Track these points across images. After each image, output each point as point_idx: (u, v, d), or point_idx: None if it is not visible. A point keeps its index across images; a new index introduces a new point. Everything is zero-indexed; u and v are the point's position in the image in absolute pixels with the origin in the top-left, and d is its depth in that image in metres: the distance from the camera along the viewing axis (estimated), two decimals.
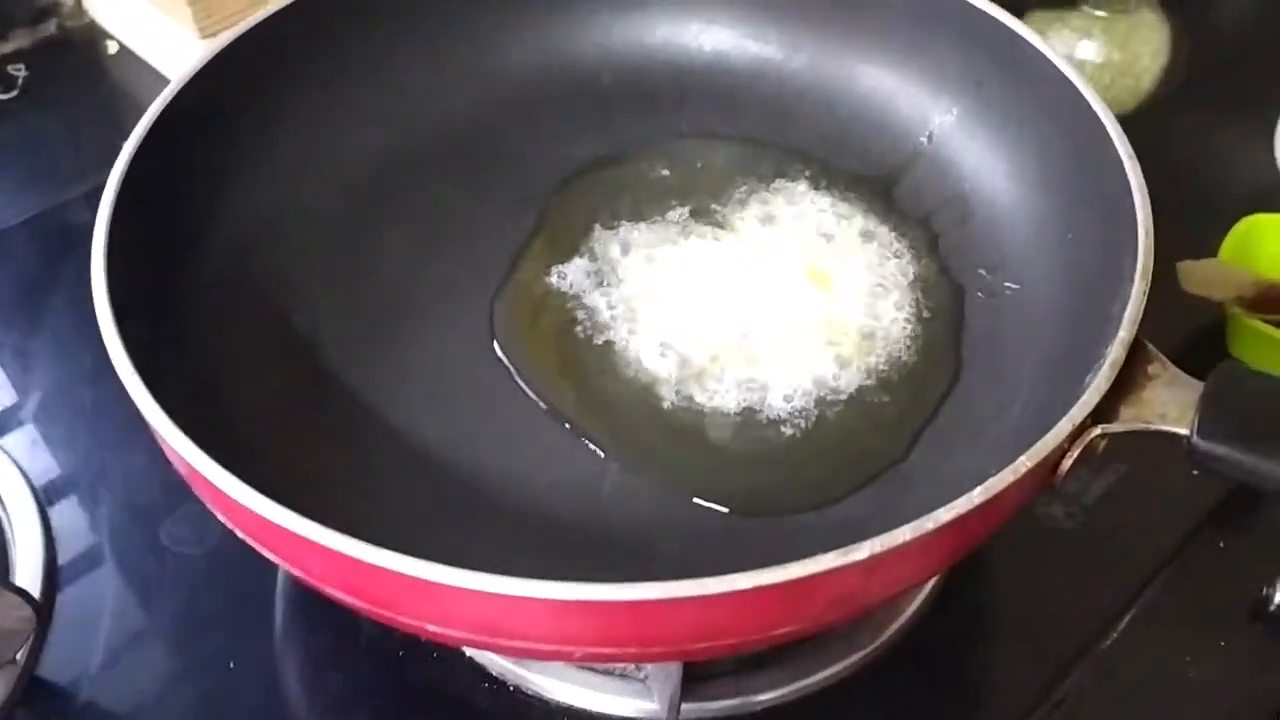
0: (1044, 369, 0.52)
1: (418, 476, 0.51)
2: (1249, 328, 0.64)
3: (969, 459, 0.51)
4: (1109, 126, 0.52)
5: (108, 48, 0.92)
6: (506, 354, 0.55)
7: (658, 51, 0.67)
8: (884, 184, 0.63)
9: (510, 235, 0.60)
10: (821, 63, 0.66)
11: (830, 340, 0.56)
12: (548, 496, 0.51)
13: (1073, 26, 0.84)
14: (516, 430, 0.53)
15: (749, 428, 0.53)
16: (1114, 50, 0.82)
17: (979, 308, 0.57)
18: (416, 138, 0.64)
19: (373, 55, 0.63)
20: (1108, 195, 0.51)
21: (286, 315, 0.56)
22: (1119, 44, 0.84)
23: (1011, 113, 0.60)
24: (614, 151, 0.65)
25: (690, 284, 0.58)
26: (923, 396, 0.54)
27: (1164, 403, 0.43)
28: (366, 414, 0.53)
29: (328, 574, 0.41)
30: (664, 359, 0.55)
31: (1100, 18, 0.83)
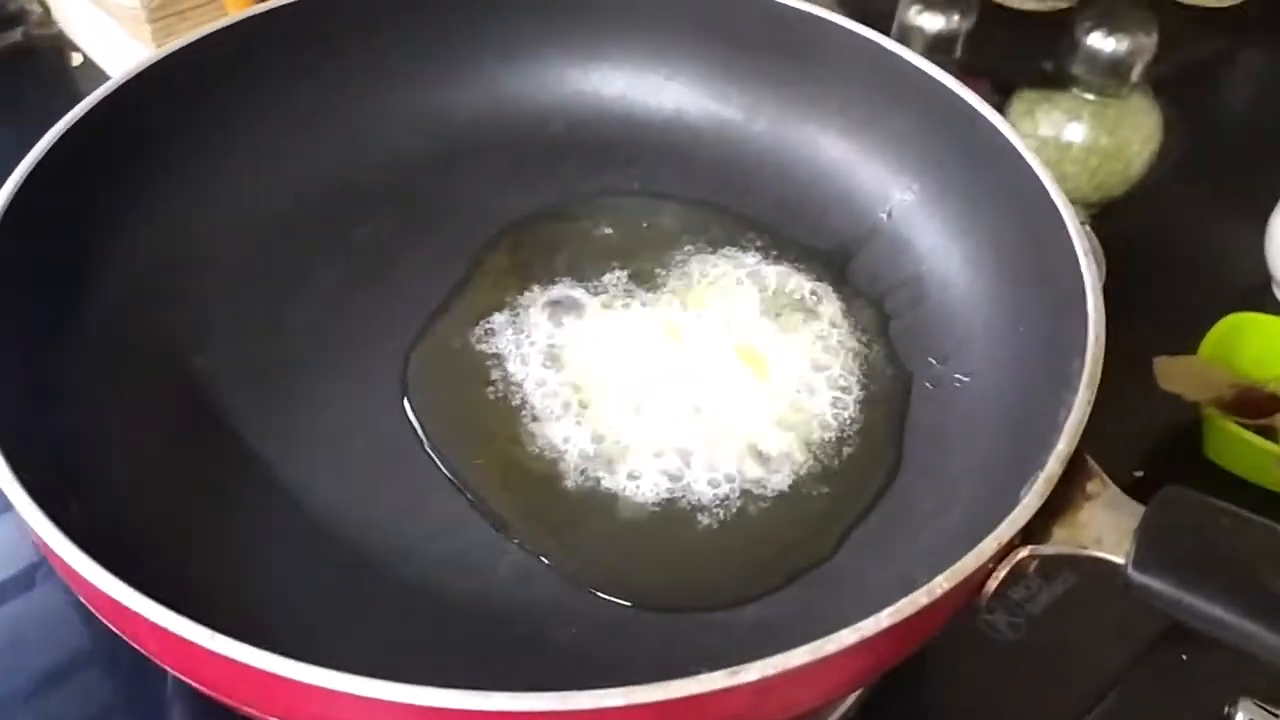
0: (986, 472, 0.49)
1: (303, 541, 0.48)
2: (1225, 430, 0.61)
3: (901, 564, 0.47)
4: (1066, 218, 0.49)
5: (73, 59, 0.90)
6: (415, 413, 0.52)
7: (614, 103, 0.65)
8: (839, 258, 0.60)
9: (436, 286, 0.57)
10: (782, 128, 0.63)
11: (762, 424, 0.52)
12: (439, 571, 0.47)
13: (1062, 108, 0.81)
14: (415, 497, 0.49)
15: (663, 515, 0.49)
16: (1103, 134, 0.80)
17: (925, 399, 0.54)
18: (348, 177, 0.61)
19: (310, 88, 0.60)
20: (1061, 292, 0.49)
21: (184, 359, 0.53)
22: (1109, 128, 0.81)
23: (971, 194, 0.57)
24: (557, 204, 0.62)
25: (619, 355, 0.55)
26: (856, 491, 0.51)
27: (1100, 525, 0.40)
28: (257, 470, 0.50)
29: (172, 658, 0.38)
30: (579, 433, 0.51)
31: (1090, 101, 0.80)
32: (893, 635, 0.37)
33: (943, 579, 0.37)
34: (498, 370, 0.54)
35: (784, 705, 0.38)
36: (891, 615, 0.36)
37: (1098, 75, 0.80)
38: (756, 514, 0.50)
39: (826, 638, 0.35)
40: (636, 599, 0.46)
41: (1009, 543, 0.39)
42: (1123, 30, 0.78)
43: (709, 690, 0.34)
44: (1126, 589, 0.39)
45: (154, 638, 0.36)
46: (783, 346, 0.56)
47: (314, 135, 0.60)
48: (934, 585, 0.37)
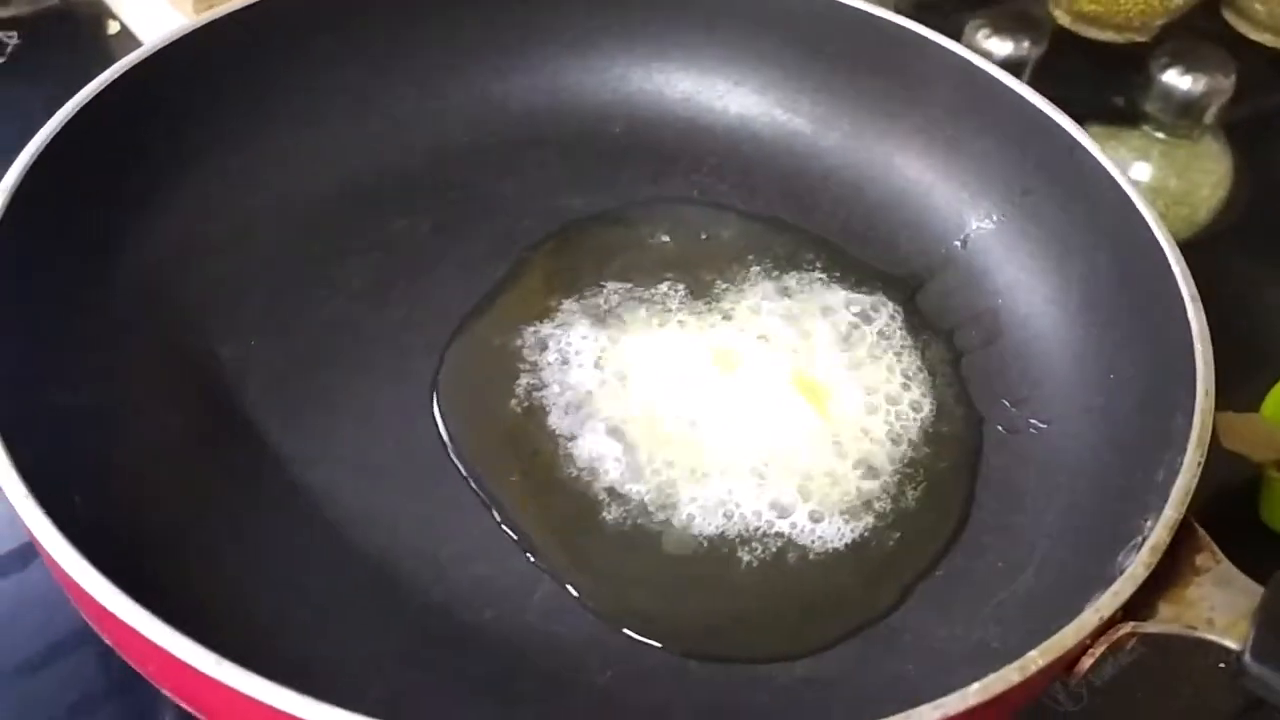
0: (1067, 530, 0.45)
1: (323, 552, 0.44)
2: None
3: (968, 624, 0.44)
4: (1173, 262, 0.46)
5: (109, 26, 0.86)
6: (445, 421, 0.48)
7: (677, 106, 0.61)
8: (907, 287, 0.56)
9: (477, 286, 0.53)
10: (854, 144, 0.59)
11: (820, 461, 0.48)
12: (467, 596, 0.43)
13: (1130, 146, 0.78)
14: (446, 512, 0.45)
15: (709, 555, 0.45)
16: (1171, 176, 0.77)
17: (998, 445, 0.50)
18: (397, 168, 0.57)
19: (357, 69, 0.57)
20: (1162, 340, 0.45)
21: (209, 347, 0.49)
22: (1178, 171, 0.78)
23: (1059, 229, 0.53)
24: (611, 208, 0.58)
25: (667, 375, 0.51)
26: (922, 540, 0.47)
27: (1212, 605, 0.36)
28: (278, 471, 0.46)
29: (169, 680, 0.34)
30: (621, 457, 0.47)
31: (1160, 140, 0.78)
32: (975, 714, 0.33)
33: (1037, 654, 0.33)
34: (537, 381, 0.50)
35: None
36: (979, 693, 0.32)
37: (1170, 114, 0.78)
38: (811, 559, 0.45)
39: (905, 715, 0.31)
40: (677, 644, 0.42)
41: (1111, 617, 0.35)
42: (1200, 69, 0.76)
43: None
44: (1238, 678, 0.35)
45: (149, 655, 0.33)
46: (843, 379, 0.51)
47: (358, 119, 0.57)
48: (1027, 661, 0.33)
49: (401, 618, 0.42)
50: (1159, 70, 0.75)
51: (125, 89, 0.48)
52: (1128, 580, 0.35)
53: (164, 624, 0.32)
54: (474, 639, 0.42)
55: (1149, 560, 0.35)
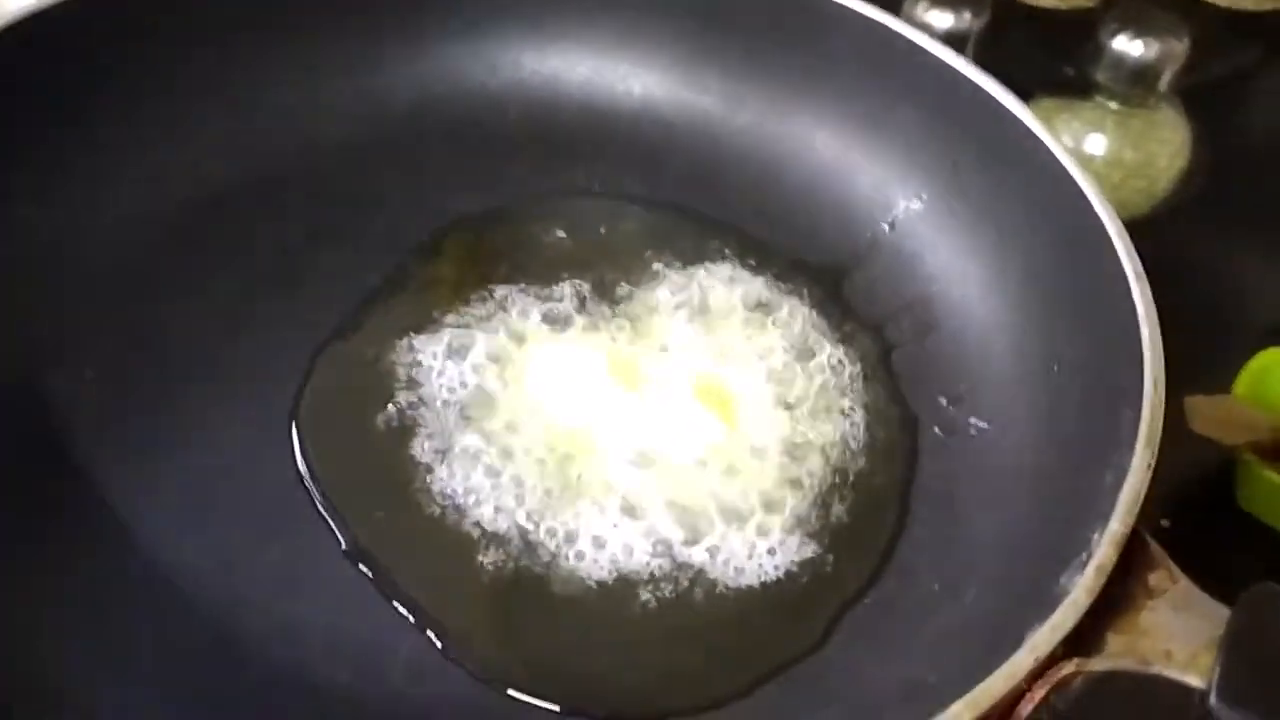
0: (1010, 545, 0.40)
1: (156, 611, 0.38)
2: (1262, 478, 0.53)
3: (904, 658, 0.38)
4: (1115, 236, 0.41)
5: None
6: (304, 455, 0.42)
7: (575, 90, 0.56)
8: (831, 276, 0.51)
9: (350, 299, 0.48)
10: (769, 123, 0.54)
11: (730, 482, 0.43)
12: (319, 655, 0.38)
13: (1083, 118, 0.75)
14: (300, 560, 0.40)
15: (604, 595, 0.40)
16: (1127, 148, 0.73)
17: (934, 449, 0.45)
18: (262, 171, 0.51)
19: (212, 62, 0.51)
20: (1106, 325, 0.40)
21: (36, 380, 0.43)
22: (1134, 141, 0.75)
23: (993, 206, 0.48)
24: (503, 205, 0.52)
25: (558, 392, 0.45)
26: (849, 564, 0.41)
27: (1170, 634, 0.30)
28: (105, 517, 0.40)
29: None
30: (502, 489, 0.42)
31: (1114, 110, 0.75)
32: None
33: (962, 707, 0.28)
34: (412, 405, 0.44)
35: None
36: None
37: (1123, 83, 0.74)
38: (722, 595, 0.40)
39: None
40: (568, 701, 0.37)
41: (1050, 655, 0.29)
42: (1151, 34, 0.73)
43: None
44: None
45: None
46: (758, 384, 0.46)
47: (213, 118, 0.51)
48: (951, 715, 0.28)
49: (241, 687, 0.37)
50: (1109, 37, 0.71)
51: None
52: (1069, 608, 0.30)
53: None
54: (330, 707, 0.36)
55: (1093, 584, 0.30)
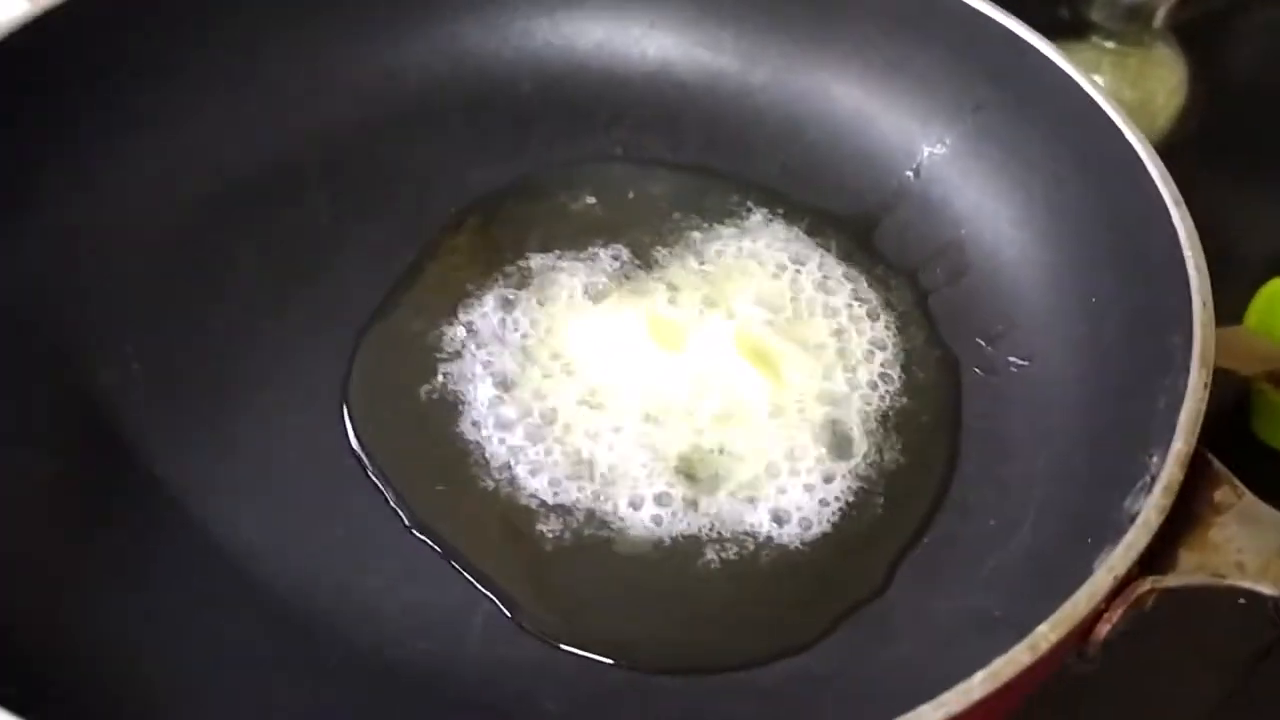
0: (1063, 477, 0.40)
1: (224, 594, 0.39)
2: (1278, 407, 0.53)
3: (965, 594, 0.39)
4: (1149, 163, 0.41)
5: None
6: (358, 432, 0.43)
7: (590, 58, 0.55)
8: (860, 227, 0.51)
9: (386, 278, 0.48)
10: (786, 78, 0.54)
11: (782, 436, 0.43)
12: (395, 629, 0.38)
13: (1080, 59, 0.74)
14: (363, 537, 0.40)
15: (666, 559, 0.40)
16: (1125, 87, 0.73)
17: (976, 389, 0.45)
18: (284, 156, 0.51)
19: (241, 47, 0.51)
20: (1146, 252, 0.40)
21: (83, 372, 0.43)
22: (1131, 80, 0.75)
23: (1018, 143, 0.48)
24: (527, 177, 0.52)
25: (603, 356, 0.45)
26: (904, 508, 0.42)
27: (1240, 548, 0.31)
28: (167, 504, 0.41)
29: None
30: (556, 455, 0.42)
31: (1110, 50, 0.75)
32: (985, 703, 0.28)
33: (1047, 628, 0.28)
34: (459, 376, 0.44)
35: None
36: (987, 681, 0.27)
37: (1118, 21, 0.75)
38: (784, 548, 0.41)
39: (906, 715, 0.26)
40: (637, 659, 0.37)
41: (1127, 574, 0.30)
42: None
43: None
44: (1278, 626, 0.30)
45: None
46: (800, 337, 0.46)
47: (233, 106, 0.51)
48: (1037, 638, 0.28)
49: (320, 664, 0.37)
50: None
51: None
52: (1141, 529, 0.30)
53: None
54: (409, 678, 0.37)
55: (1162, 503, 0.31)
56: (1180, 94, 0.73)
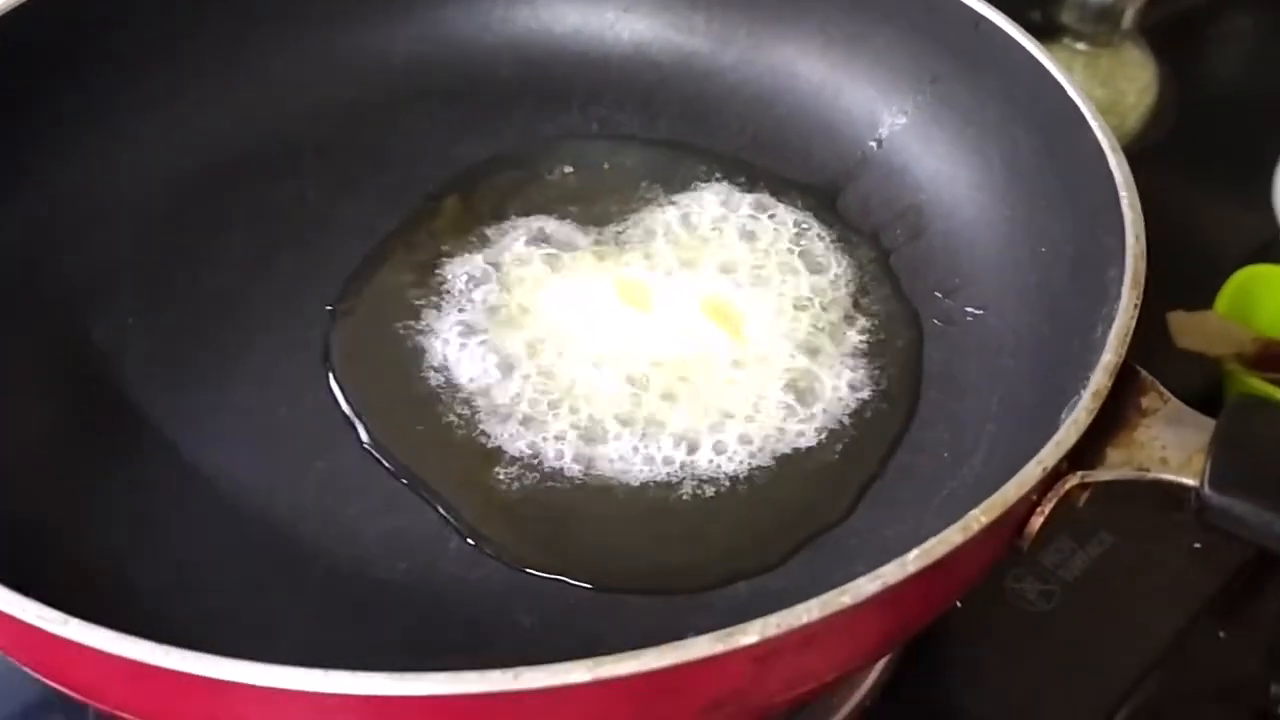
0: (1012, 410, 0.42)
1: (222, 527, 0.41)
2: (1249, 387, 0.55)
3: (918, 519, 0.41)
4: (1088, 115, 0.43)
5: None
6: (340, 381, 0.45)
7: (567, 41, 0.58)
8: (826, 194, 0.53)
9: (367, 244, 0.50)
10: (755, 56, 0.56)
11: (750, 385, 0.45)
12: (377, 554, 0.40)
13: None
14: (347, 474, 0.42)
15: (642, 495, 0.42)
16: (1096, 86, 0.76)
17: (934, 338, 0.47)
18: (275, 132, 0.54)
19: (228, 29, 0.53)
20: (1087, 197, 0.42)
21: (82, 328, 0.46)
22: (1102, 80, 0.78)
23: (973, 110, 0.50)
24: (507, 152, 0.54)
25: (576, 314, 0.47)
26: (868, 447, 0.44)
27: (1163, 444, 0.33)
28: (166, 451, 0.43)
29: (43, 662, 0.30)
30: (531, 401, 0.44)
31: (1082, 51, 0.77)
32: (921, 584, 0.30)
33: (979, 512, 0.30)
34: (433, 330, 0.47)
35: (789, 679, 0.31)
36: (920, 558, 0.29)
37: (1088, 23, 0.77)
38: (750, 480, 0.43)
39: (840, 588, 0.28)
40: (607, 583, 0.39)
41: (1055, 468, 0.32)
42: None
43: (696, 658, 0.27)
44: (1199, 515, 0.32)
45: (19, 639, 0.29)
46: (761, 294, 0.48)
47: (226, 85, 0.53)
48: (969, 520, 0.30)
49: (310, 580, 0.39)
50: None
51: None
52: (1070, 428, 0.32)
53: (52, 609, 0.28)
54: (390, 594, 0.39)
55: (1090, 406, 0.33)
56: (1150, 93, 0.76)
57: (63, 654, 0.28)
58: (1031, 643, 0.47)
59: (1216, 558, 0.50)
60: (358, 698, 0.26)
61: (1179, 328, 0.56)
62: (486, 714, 0.27)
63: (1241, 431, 0.32)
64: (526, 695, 0.26)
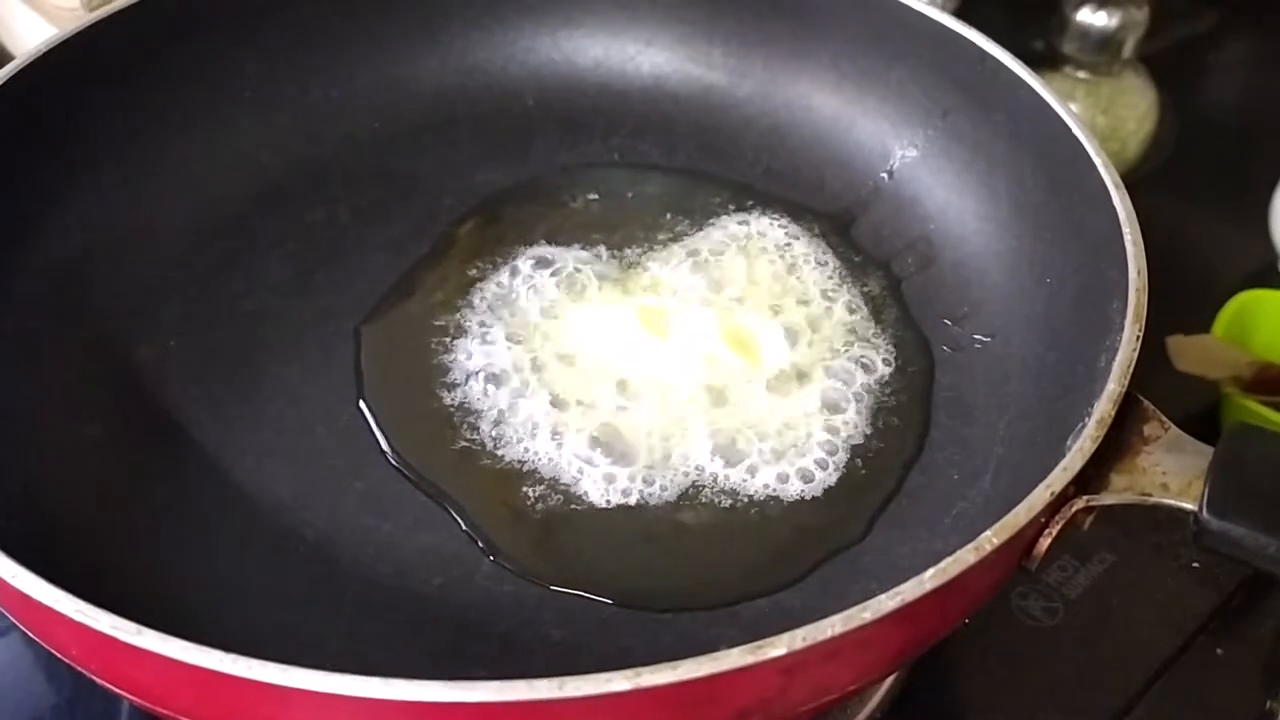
0: (1019, 434, 0.44)
1: (262, 541, 0.43)
2: (1246, 410, 0.57)
3: (929, 538, 0.43)
4: (1092, 152, 0.45)
5: None
6: (370, 404, 0.47)
7: (588, 74, 0.60)
8: (839, 223, 0.55)
9: (397, 268, 0.52)
10: (771, 89, 0.58)
11: (771, 402, 0.47)
12: (412, 567, 0.42)
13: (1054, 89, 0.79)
14: (382, 492, 0.44)
15: (657, 511, 0.44)
16: (1098, 114, 0.77)
17: (944, 364, 0.49)
18: (307, 159, 0.56)
19: (260, 64, 0.56)
20: (1091, 231, 0.44)
21: (127, 348, 0.48)
22: (1103, 108, 0.79)
23: (981, 144, 0.52)
24: (531, 180, 0.57)
25: (598, 340, 0.49)
26: (881, 467, 0.46)
27: (1164, 470, 0.35)
28: (207, 467, 0.45)
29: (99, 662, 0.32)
30: (549, 431, 0.46)
31: (1083, 80, 0.78)
32: (937, 601, 0.32)
33: (991, 534, 0.32)
34: (463, 356, 0.49)
35: (814, 689, 0.32)
36: (935, 577, 0.31)
37: (1089, 52, 0.78)
38: (772, 508, 0.44)
39: (863, 604, 0.30)
40: (631, 601, 0.41)
41: (1063, 492, 0.34)
42: (1113, 3, 0.77)
43: (729, 669, 0.29)
44: (1198, 539, 0.34)
45: (76, 639, 0.31)
46: (779, 322, 0.50)
47: (261, 114, 0.55)
48: (982, 541, 0.32)
49: (346, 595, 0.41)
50: (1072, 10, 0.75)
51: (24, 83, 0.47)
52: (1076, 455, 0.34)
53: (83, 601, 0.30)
54: (425, 609, 0.40)
55: (1095, 433, 0.35)
56: (1150, 120, 0.77)
57: (134, 663, 0.30)
58: (1036, 657, 0.49)
59: (1214, 577, 0.52)
60: (413, 704, 0.28)
61: (1178, 351, 0.58)
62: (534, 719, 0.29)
63: (1238, 458, 0.34)
64: (570, 703, 0.28)
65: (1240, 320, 0.61)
